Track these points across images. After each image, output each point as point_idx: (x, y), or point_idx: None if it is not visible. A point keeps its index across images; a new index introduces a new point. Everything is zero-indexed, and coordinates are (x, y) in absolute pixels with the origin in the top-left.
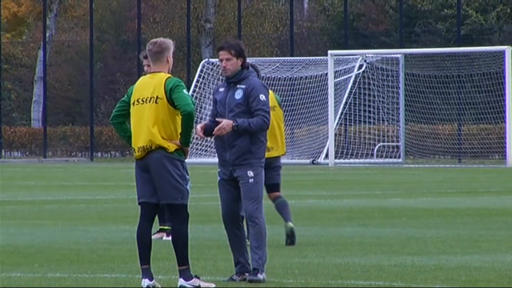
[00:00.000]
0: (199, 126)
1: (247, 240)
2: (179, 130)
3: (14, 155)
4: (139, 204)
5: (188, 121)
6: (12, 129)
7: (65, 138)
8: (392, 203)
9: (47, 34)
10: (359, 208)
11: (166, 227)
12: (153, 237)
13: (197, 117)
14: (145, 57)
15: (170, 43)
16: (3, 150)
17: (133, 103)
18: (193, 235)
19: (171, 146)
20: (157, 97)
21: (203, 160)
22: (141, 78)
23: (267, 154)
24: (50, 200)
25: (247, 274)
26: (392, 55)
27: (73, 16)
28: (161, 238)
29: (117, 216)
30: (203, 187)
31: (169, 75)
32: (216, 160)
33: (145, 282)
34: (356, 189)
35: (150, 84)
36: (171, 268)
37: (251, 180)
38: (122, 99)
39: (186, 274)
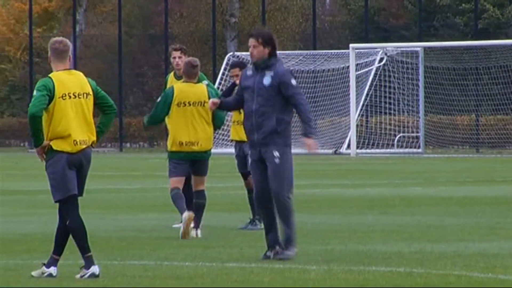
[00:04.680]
0: (211, 101)
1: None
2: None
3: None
4: (68, 197)
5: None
6: None
7: None
8: (412, 191)
9: (77, 29)
10: (380, 196)
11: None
12: (177, 225)
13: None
14: (176, 49)
15: (69, 43)
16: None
17: (62, 97)
18: (219, 223)
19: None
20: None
21: (228, 150)
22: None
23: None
24: None
25: (277, 248)
26: (412, 49)
27: (102, 11)
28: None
29: (145, 205)
30: (228, 177)
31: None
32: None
33: (54, 270)
34: (377, 179)
35: (73, 80)
36: (197, 255)
37: (276, 160)
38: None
39: (93, 260)
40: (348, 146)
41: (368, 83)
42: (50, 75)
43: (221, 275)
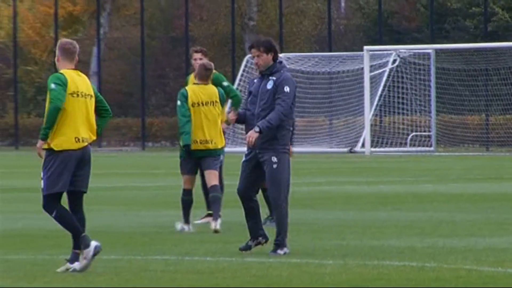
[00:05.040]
0: (230, 115)
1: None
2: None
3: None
4: (57, 193)
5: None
6: None
7: (118, 129)
8: (424, 188)
9: (101, 32)
10: (393, 193)
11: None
12: (200, 221)
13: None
14: (197, 51)
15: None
16: None
17: (72, 94)
18: (239, 219)
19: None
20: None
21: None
22: (65, 71)
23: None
24: (105, 187)
25: (260, 238)
26: (424, 50)
27: (125, 15)
28: (208, 222)
29: (167, 202)
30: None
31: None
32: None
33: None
34: (391, 176)
35: (82, 81)
36: (218, 250)
37: (274, 166)
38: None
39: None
40: (363, 145)
41: (382, 84)
42: (61, 71)
43: (240, 269)
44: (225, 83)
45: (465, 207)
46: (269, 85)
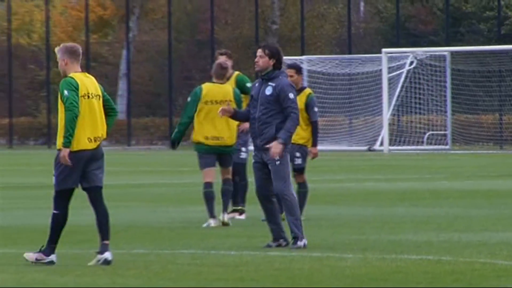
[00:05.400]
0: (222, 108)
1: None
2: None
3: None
4: (65, 189)
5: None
6: None
7: (146, 128)
8: (440, 185)
9: (130, 35)
10: (410, 190)
11: (239, 208)
12: (227, 216)
13: None
14: (222, 53)
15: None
16: None
17: (84, 96)
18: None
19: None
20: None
21: None
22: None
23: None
24: (134, 184)
25: (281, 241)
26: (440, 53)
27: (153, 19)
28: (233, 218)
29: (193, 198)
30: None
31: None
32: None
33: (53, 257)
34: (408, 173)
35: (90, 82)
36: (242, 244)
37: (277, 163)
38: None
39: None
40: (381, 143)
41: (399, 85)
42: (70, 75)
43: (264, 263)
44: (248, 84)
45: (479, 203)
46: (268, 91)
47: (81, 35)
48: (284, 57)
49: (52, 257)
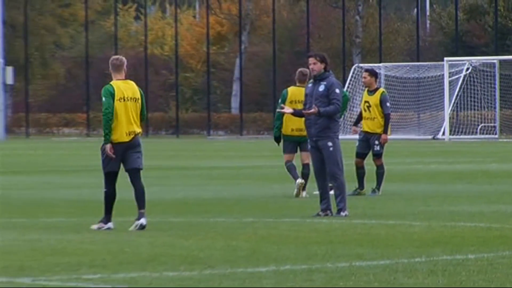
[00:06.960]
0: (286, 109)
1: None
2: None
3: (219, 134)
4: (109, 172)
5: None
6: (218, 115)
7: (255, 121)
8: (490, 167)
9: (242, 47)
10: (466, 171)
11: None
12: (316, 192)
13: (349, 109)
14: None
15: (124, 59)
16: (211, 130)
17: (119, 99)
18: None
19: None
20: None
21: (347, 137)
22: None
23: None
24: (245, 166)
25: (328, 212)
26: (490, 61)
27: (260, 34)
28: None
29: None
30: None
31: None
32: None
33: (110, 224)
34: (465, 157)
35: (128, 87)
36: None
37: (331, 149)
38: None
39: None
40: (443, 133)
41: (458, 87)
42: (111, 82)
43: (349, 229)
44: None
45: None
46: (321, 88)
47: (203, 46)
48: (365, 64)
49: (109, 224)
